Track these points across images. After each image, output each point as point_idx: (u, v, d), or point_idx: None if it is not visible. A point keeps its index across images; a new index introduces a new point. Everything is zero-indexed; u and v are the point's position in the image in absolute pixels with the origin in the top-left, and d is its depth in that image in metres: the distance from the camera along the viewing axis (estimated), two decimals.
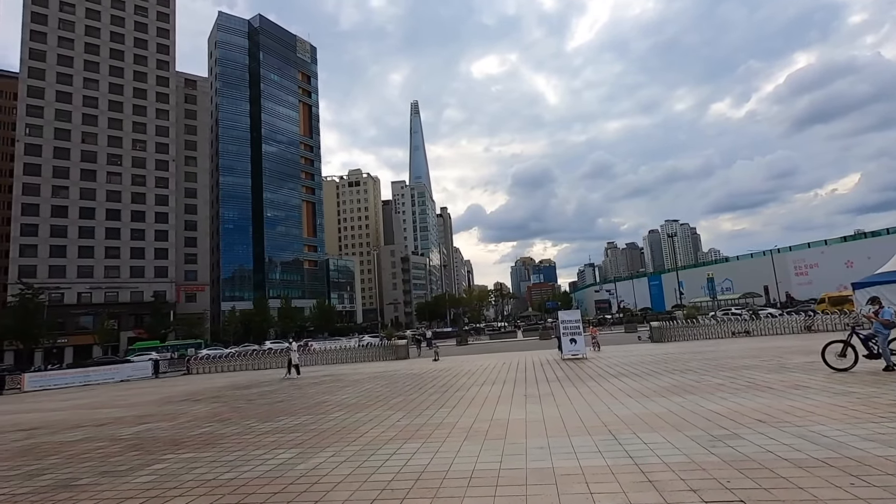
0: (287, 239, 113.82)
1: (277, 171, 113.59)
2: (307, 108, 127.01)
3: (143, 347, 53.81)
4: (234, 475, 6.80)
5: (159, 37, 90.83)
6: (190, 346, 56.33)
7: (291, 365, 24.43)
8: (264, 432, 9.84)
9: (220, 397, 17.51)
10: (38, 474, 7.88)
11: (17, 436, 12.40)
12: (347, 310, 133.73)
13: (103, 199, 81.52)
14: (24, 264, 73.53)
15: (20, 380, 31.94)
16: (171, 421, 12.64)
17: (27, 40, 78.28)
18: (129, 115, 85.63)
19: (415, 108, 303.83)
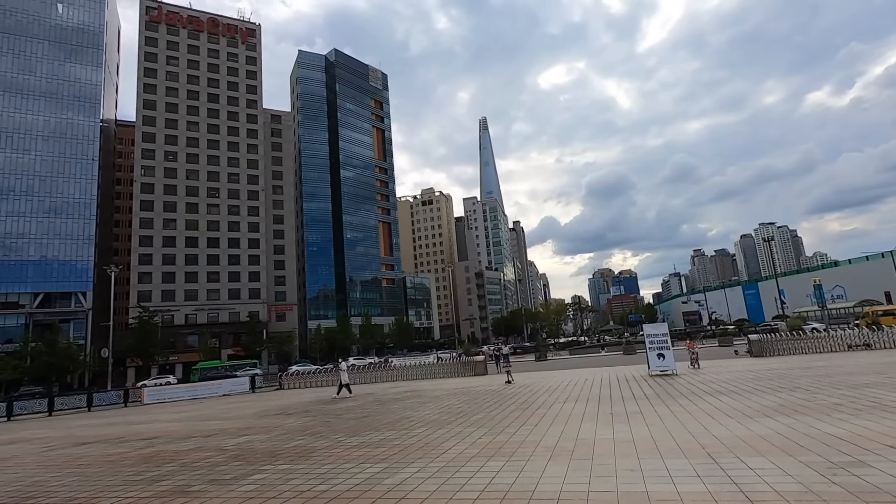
0: (366, 259, 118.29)
1: (355, 195, 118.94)
2: (380, 132, 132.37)
3: (205, 367, 57.89)
4: (327, 487, 7.11)
5: (248, 79, 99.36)
6: (245, 366, 59.35)
7: (342, 385, 24.73)
8: (352, 446, 10.20)
9: (310, 411, 18.41)
10: (158, 480, 8.72)
11: (140, 444, 13.81)
12: (425, 326, 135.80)
13: (204, 229, 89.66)
14: (141, 290, 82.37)
15: (141, 393, 35.59)
16: (268, 433, 13.47)
17: (141, 93, 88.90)
18: (224, 152, 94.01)
19: (483, 124, 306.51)
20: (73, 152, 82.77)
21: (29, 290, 76.50)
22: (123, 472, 9.74)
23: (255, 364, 61.18)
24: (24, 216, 78.13)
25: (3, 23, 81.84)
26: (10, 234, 76.98)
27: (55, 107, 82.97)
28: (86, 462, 11.58)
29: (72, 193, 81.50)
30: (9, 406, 31.80)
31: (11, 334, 72.32)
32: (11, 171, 78.52)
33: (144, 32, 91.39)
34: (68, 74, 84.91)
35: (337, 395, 24.52)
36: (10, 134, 79.42)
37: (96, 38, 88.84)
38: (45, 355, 63.18)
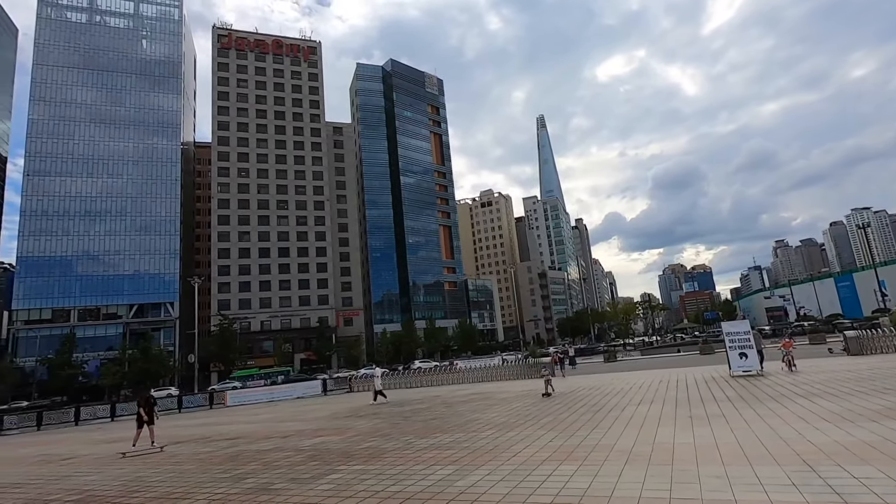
0: (427, 263, 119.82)
1: (415, 200, 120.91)
2: (438, 137, 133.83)
3: (242, 375, 60.54)
4: (400, 488, 7.23)
5: (311, 94, 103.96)
6: (280, 373, 61.46)
7: (377, 392, 24.49)
8: (422, 448, 10.32)
9: (379, 414, 18.84)
10: (244, 478, 9.25)
11: (224, 444, 14.73)
12: (488, 328, 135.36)
13: (275, 240, 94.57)
14: (221, 299, 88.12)
15: (224, 396, 38.02)
16: (341, 435, 13.92)
17: (215, 115, 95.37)
18: (290, 165, 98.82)
19: (541, 122, 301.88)
20: (158, 174, 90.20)
21: (125, 301, 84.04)
22: (212, 470, 10.42)
23: (288, 371, 63.80)
24: (118, 234, 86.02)
25: (97, 61, 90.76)
26: (108, 252, 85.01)
27: (142, 133, 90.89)
28: (179, 460, 12.50)
29: (158, 212, 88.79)
30: (112, 408, 35.03)
31: (112, 342, 79.70)
32: (108, 194, 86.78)
33: (217, 59, 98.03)
34: (152, 103, 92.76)
35: (374, 401, 24.17)
36: (106, 161, 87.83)
37: (175, 68, 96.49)
38: (140, 361, 69.03)
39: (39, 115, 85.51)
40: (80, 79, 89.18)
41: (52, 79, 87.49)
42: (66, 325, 78.39)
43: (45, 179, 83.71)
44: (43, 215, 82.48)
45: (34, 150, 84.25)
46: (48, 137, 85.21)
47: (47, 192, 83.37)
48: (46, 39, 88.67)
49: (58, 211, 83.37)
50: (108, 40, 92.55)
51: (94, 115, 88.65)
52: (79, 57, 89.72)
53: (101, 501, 8.57)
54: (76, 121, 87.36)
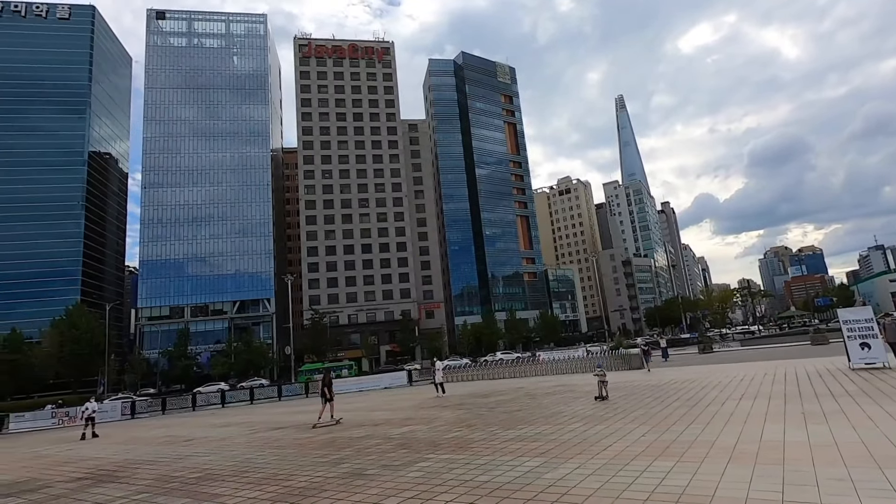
0: (506, 254, 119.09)
1: (491, 192, 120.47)
2: (512, 127, 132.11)
3: (308, 369, 63.17)
4: (488, 478, 7.28)
5: (386, 94, 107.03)
6: (343, 368, 63.80)
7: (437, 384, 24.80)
8: (508, 439, 10.32)
9: (464, 405, 19.08)
10: (339, 463, 9.79)
11: (320, 430, 15.68)
12: (570, 319, 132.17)
13: (358, 237, 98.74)
14: (311, 294, 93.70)
15: (318, 386, 40.44)
16: (428, 424, 14.28)
17: (299, 121, 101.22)
18: (370, 164, 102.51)
19: (619, 102, 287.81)
20: (251, 180, 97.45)
21: (228, 298, 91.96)
22: (311, 455, 11.13)
23: (351, 366, 65.79)
24: (221, 238, 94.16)
25: (196, 80, 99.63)
26: (213, 254, 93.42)
27: (236, 144, 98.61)
28: (281, 444, 13.50)
29: (253, 216, 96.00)
30: (222, 396, 38.58)
31: (219, 336, 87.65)
32: (210, 201, 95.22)
33: (299, 68, 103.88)
34: (244, 115, 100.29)
35: (437, 395, 24.67)
36: (207, 171, 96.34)
37: (262, 80, 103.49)
38: (244, 353, 75.38)
39: (152, 134, 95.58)
40: (183, 98, 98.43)
41: (161, 100, 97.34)
42: (181, 320, 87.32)
43: (159, 191, 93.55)
44: (158, 223, 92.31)
45: (149, 165, 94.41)
46: (159, 153, 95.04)
47: (161, 202, 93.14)
48: (154, 65, 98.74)
49: (170, 219, 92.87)
50: (204, 60, 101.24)
51: (195, 129, 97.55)
52: (181, 78, 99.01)
53: (218, 478, 9.48)
54: (181, 136, 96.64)
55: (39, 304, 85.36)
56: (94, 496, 9.19)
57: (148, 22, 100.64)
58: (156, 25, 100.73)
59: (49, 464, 14.74)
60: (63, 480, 11.33)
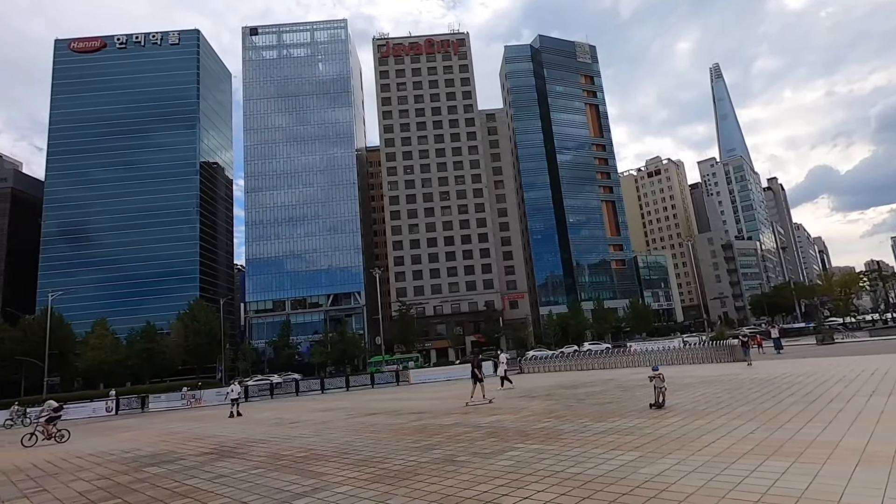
0: (591, 242, 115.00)
1: (574, 177, 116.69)
2: (594, 108, 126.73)
3: (376, 360, 63.92)
4: (579, 470, 7.16)
5: (463, 85, 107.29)
6: (409, 360, 64.03)
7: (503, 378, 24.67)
8: (599, 432, 10.05)
9: (552, 395, 18.84)
10: (431, 448, 10.12)
11: (412, 417, 16.28)
12: (664, 308, 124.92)
13: (441, 229, 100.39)
14: (398, 287, 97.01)
15: (408, 375, 41.97)
16: (515, 414, 14.30)
17: (381, 120, 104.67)
18: (449, 157, 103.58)
19: (715, 72, 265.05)
20: (339, 180, 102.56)
21: (323, 292, 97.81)
22: (404, 440, 11.61)
23: (417, 358, 66.24)
24: (314, 235, 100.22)
25: (286, 89, 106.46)
26: (308, 250, 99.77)
27: (324, 146, 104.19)
28: (376, 429, 14.21)
29: (342, 213, 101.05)
30: (321, 383, 41.30)
31: (316, 327, 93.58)
32: (303, 201, 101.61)
33: (378, 68, 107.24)
34: (330, 118, 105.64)
35: (509, 386, 24.72)
36: (300, 173, 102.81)
37: (345, 83, 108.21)
38: (339, 343, 79.90)
39: (251, 142, 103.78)
40: (276, 106, 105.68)
41: (257, 110, 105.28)
42: (283, 313, 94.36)
43: (259, 194, 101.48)
44: (260, 224, 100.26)
45: (250, 171, 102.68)
46: (258, 159, 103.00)
47: (261, 204, 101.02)
48: (251, 78, 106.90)
49: (270, 220, 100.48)
50: (293, 69, 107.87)
51: (287, 135, 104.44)
52: (274, 88, 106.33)
53: (321, 458, 10.21)
54: (276, 142, 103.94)
55: (165, 299, 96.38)
56: (219, 469, 10.30)
57: (243, 38, 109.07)
58: (250, 41, 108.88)
59: (181, 439, 16.72)
60: (193, 454, 12.82)
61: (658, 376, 13.01)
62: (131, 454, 14.18)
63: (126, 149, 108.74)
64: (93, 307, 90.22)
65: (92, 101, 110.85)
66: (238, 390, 26.81)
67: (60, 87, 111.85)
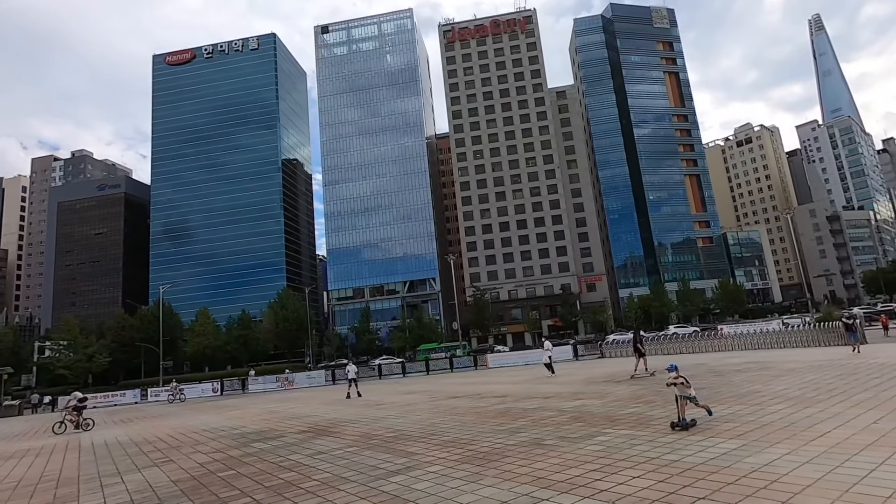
0: (674, 219, 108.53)
1: (653, 152, 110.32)
2: (674, 77, 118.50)
3: (426, 348, 63.04)
4: (677, 457, 6.88)
5: (531, 64, 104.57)
6: (457, 347, 62.91)
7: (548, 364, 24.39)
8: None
9: (638, 380, 18.16)
10: (517, 432, 10.17)
11: (494, 400, 16.42)
12: (759, 287, 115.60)
13: (513, 213, 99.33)
14: (472, 272, 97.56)
15: (486, 359, 42.31)
16: (601, 399, 13.97)
17: (449, 106, 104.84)
18: (519, 140, 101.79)
19: (815, 23, 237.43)
20: (410, 169, 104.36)
21: (399, 279, 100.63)
22: (488, 423, 11.76)
23: (464, 346, 65.22)
24: (388, 224, 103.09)
25: (357, 83, 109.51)
26: (383, 239, 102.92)
27: (395, 136, 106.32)
28: (460, 412, 14.50)
29: (415, 202, 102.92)
30: (403, 367, 42.74)
31: (394, 313, 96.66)
32: (376, 192, 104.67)
33: (444, 54, 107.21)
34: (400, 108, 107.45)
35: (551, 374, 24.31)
36: (372, 165, 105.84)
37: (413, 73, 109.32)
38: (416, 329, 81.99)
39: (327, 137, 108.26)
40: (348, 101, 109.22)
41: (331, 106, 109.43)
42: (363, 300, 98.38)
43: (336, 187, 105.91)
44: (338, 216, 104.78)
45: (326, 165, 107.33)
46: (334, 153, 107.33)
47: (339, 197, 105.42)
48: (324, 75, 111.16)
49: (347, 211, 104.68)
50: (362, 63, 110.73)
51: (360, 128, 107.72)
52: (345, 83, 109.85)
53: (410, 439, 10.61)
54: (349, 136, 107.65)
55: (256, 289, 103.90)
56: (317, 445, 11.04)
57: (315, 37, 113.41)
58: (322, 40, 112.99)
59: (280, 418, 18.09)
60: (292, 432, 13.83)
61: (677, 379, 9.16)
62: (238, 431, 15.56)
63: (215, 152, 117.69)
64: (195, 298, 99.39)
65: (185, 109, 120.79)
66: (355, 370, 26.19)
67: (159, 98, 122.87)
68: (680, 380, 9.11)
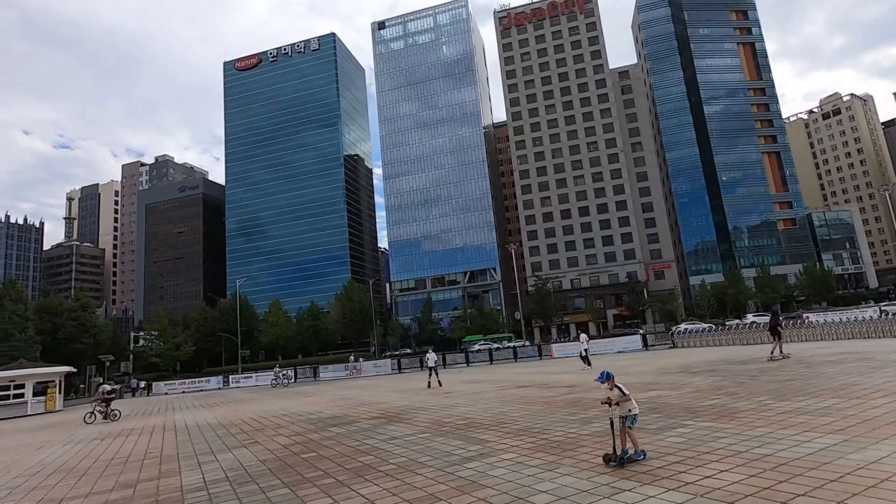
0: (750, 201, 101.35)
1: (726, 130, 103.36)
2: (749, 47, 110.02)
3: (471, 339, 61.43)
4: (769, 452, 6.49)
5: (591, 45, 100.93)
6: (503, 339, 61.83)
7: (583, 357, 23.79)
8: (785, 412, 8.97)
9: (716, 371, 17.26)
10: (589, 422, 10.00)
11: (562, 390, 16.21)
12: (851, 272, 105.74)
13: (574, 200, 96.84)
14: (533, 262, 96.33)
15: (550, 349, 41.79)
16: (676, 390, 13.40)
17: (506, 94, 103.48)
18: (580, 124, 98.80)
19: None
20: (468, 159, 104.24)
21: (460, 270, 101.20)
22: (559, 412, 11.63)
23: (510, 338, 63.58)
24: (448, 216, 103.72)
25: (413, 76, 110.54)
26: (443, 230, 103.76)
27: (452, 127, 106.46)
28: (528, 401, 14.43)
29: (473, 192, 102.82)
30: (466, 356, 43.10)
31: (455, 304, 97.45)
32: (435, 184, 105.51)
33: (500, 41, 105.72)
34: (457, 99, 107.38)
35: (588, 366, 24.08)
36: (430, 157, 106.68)
37: (469, 62, 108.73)
38: (477, 318, 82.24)
39: (386, 132, 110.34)
40: (406, 94, 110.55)
41: (389, 101, 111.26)
42: (424, 291, 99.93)
43: (396, 180, 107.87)
44: (398, 208, 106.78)
45: (386, 159, 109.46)
46: (393, 147, 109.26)
47: (399, 190, 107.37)
48: (382, 71, 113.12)
49: (407, 203, 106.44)
50: (418, 56, 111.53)
51: (417, 121, 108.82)
52: (403, 77, 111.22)
53: (481, 427, 10.71)
54: (407, 129, 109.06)
55: (323, 282, 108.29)
56: (390, 431, 11.40)
57: (373, 34, 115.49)
58: (379, 36, 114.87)
59: (352, 405, 18.83)
60: (366, 418, 14.36)
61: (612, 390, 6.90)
62: (315, 416, 16.37)
63: (281, 151, 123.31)
64: (267, 291, 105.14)
65: (253, 111, 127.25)
66: (434, 358, 24.63)
67: (230, 103, 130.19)
68: (615, 391, 6.71)
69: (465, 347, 62.75)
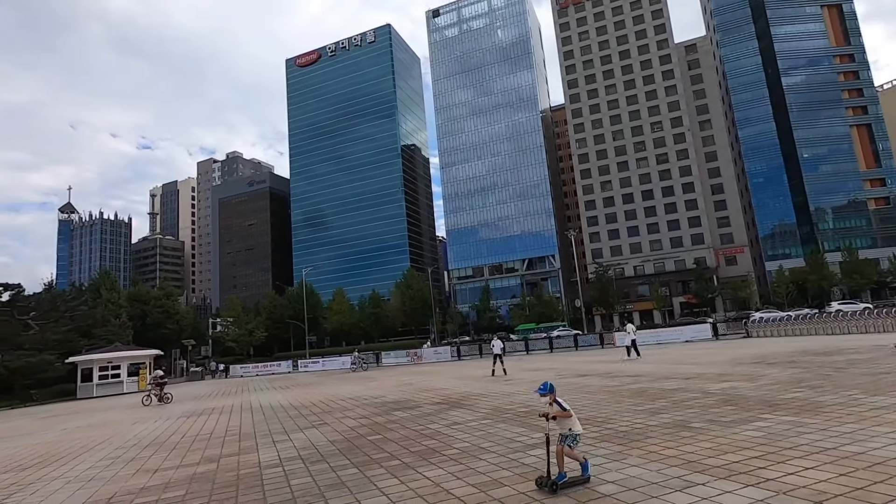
0: (835, 179, 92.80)
1: (807, 103, 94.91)
2: (834, 10, 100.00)
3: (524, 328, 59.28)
4: (860, 449, 6.02)
5: (654, 19, 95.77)
6: (554, 328, 59.60)
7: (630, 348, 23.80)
8: (879, 407, 8.26)
9: (796, 362, 16.14)
10: (657, 412, 9.67)
11: (627, 380, 15.76)
12: None
13: (637, 184, 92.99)
14: (593, 248, 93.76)
15: (612, 338, 40.69)
16: (752, 382, 12.66)
17: (564, 76, 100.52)
18: (642, 103, 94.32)
19: None
20: (525, 145, 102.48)
21: (518, 257, 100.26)
22: (624, 402, 11.33)
23: (565, 326, 61.00)
24: (504, 203, 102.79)
25: (468, 63, 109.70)
26: (500, 218, 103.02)
27: (508, 113, 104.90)
28: (591, 390, 14.16)
29: (531, 178, 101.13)
30: (525, 344, 42.88)
31: (514, 291, 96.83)
32: (491, 171, 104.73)
33: (558, 21, 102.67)
34: (513, 83, 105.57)
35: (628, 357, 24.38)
36: (486, 143, 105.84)
37: (525, 45, 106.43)
38: (537, 306, 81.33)
39: (442, 120, 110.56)
40: (460, 82, 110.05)
41: (444, 89, 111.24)
42: (482, 279, 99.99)
43: (452, 169, 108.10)
44: (455, 197, 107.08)
45: (442, 147, 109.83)
46: (449, 135, 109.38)
47: (455, 178, 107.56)
48: (437, 59, 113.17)
49: (464, 191, 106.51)
50: (473, 42, 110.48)
51: (472, 108, 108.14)
52: (458, 65, 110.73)
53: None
54: (463, 117, 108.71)
55: (383, 270, 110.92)
56: (453, 416, 11.59)
57: (427, 22, 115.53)
58: (433, 24, 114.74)
59: (414, 390, 19.29)
60: (428, 403, 14.67)
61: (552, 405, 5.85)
62: (379, 400, 16.92)
63: (341, 143, 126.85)
64: (331, 279, 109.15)
65: (314, 106, 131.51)
66: (500, 345, 23.73)
67: (293, 99, 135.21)
68: (555, 407, 5.79)
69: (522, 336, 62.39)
